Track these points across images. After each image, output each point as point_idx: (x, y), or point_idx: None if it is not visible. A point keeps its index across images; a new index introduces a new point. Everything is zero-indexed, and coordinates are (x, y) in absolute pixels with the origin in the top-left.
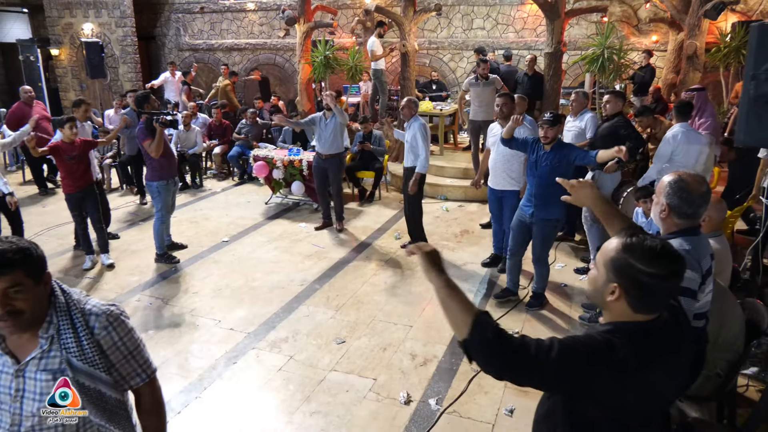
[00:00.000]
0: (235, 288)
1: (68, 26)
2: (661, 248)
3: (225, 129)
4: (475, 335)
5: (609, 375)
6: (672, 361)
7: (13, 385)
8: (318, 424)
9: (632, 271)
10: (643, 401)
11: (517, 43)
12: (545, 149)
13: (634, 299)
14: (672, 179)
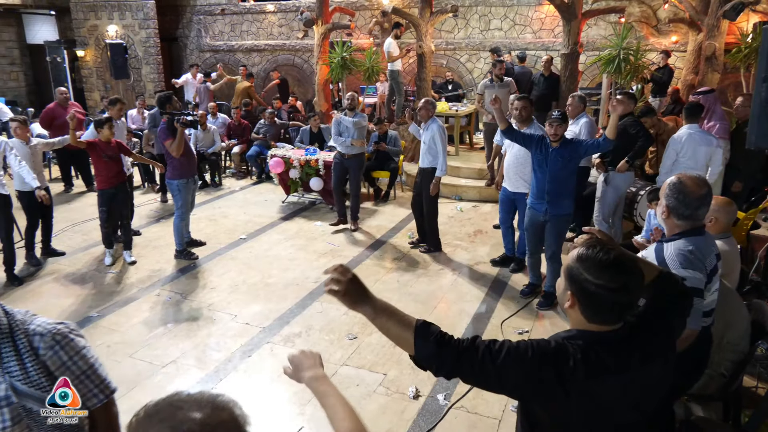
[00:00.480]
0: (252, 284)
1: (93, 28)
2: (612, 261)
3: (244, 129)
4: (419, 347)
5: (556, 380)
6: (629, 376)
7: None
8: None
9: (581, 280)
10: (588, 414)
11: (535, 43)
12: (553, 146)
13: (585, 308)
14: (671, 181)
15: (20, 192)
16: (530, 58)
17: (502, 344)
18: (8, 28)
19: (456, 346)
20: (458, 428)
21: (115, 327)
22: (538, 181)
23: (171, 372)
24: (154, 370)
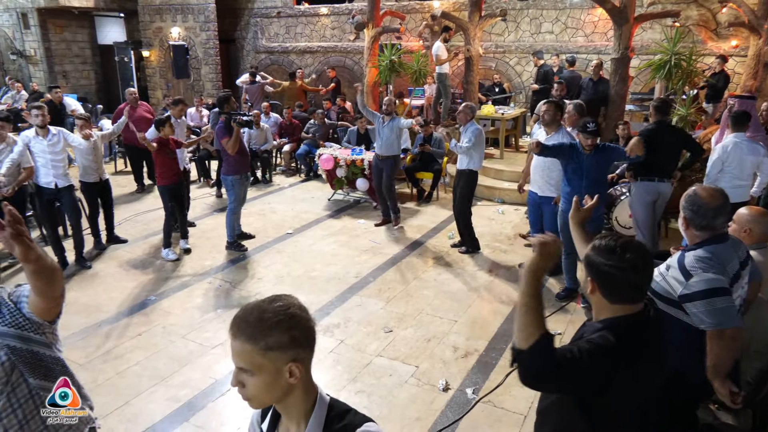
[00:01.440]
0: (296, 276)
1: (158, 30)
2: (620, 245)
3: (294, 128)
4: (534, 352)
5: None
6: (657, 352)
7: None
8: (362, 401)
9: (596, 264)
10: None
11: (586, 47)
12: (586, 152)
13: (603, 289)
14: (687, 193)
15: (82, 182)
16: (581, 62)
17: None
18: (82, 30)
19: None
20: (484, 421)
21: (171, 310)
22: (573, 188)
23: (219, 353)
24: (204, 350)
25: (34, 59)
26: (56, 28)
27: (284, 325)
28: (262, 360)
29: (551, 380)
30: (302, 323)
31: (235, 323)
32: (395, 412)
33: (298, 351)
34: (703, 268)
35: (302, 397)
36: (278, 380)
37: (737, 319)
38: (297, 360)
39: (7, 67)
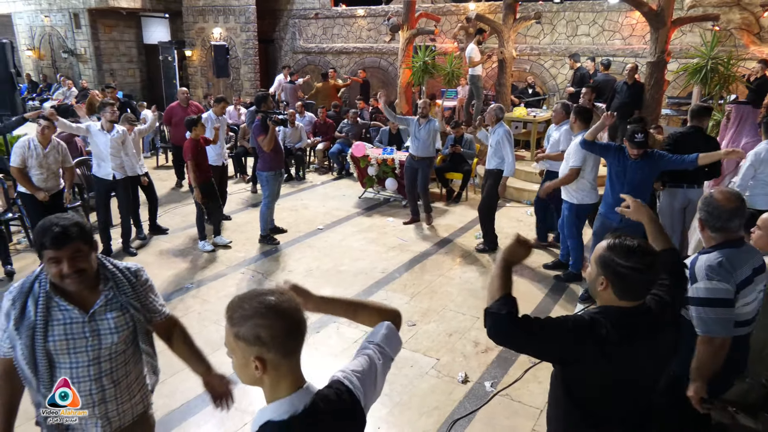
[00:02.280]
0: (324, 270)
1: (201, 30)
2: (637, 247)
3: (328, 127)
4: (495, 305)
5: (594, 346)
6: (650, 343)
7: (88, 328)
8: (384, 390)
9: (614, 265)
10: (625, 371)
11: (624, 50)
12: (633, 158)
13: (617, 288)
14: (704, 195)
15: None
16: (618, 65)
17: (544, 320)
18: (129, 30)
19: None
20: (501, 413)
21: (206, 297)
22: (614, 191)
23: None
24: None
25: (84, 58)
26: (105, 28)
27: (253, 321)
28: (234, 344)
29: (510, 334)
30: (274, 326)
31: (230, 302)
32: (414, 400)
33: (262, 350)
34: (709, 276)
35: (270, 393)
36: (247, 368)
37: (728, 330)
38: (259, 358)
39: (59, 65)
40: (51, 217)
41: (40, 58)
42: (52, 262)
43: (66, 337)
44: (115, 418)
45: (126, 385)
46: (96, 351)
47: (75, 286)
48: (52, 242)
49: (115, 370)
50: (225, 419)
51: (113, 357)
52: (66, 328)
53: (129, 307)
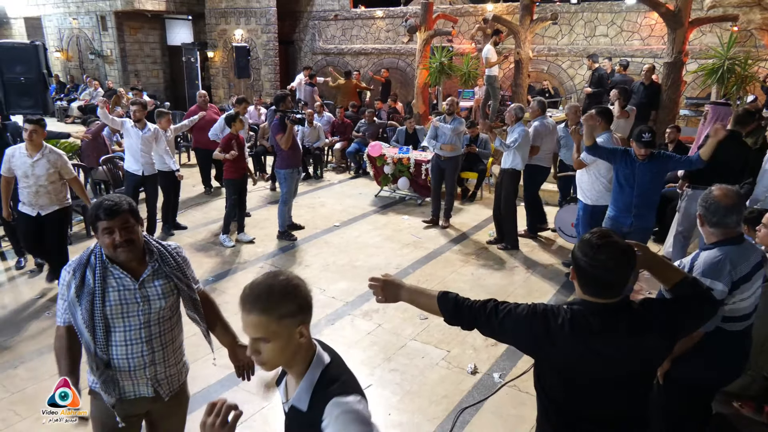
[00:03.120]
0: (340, 265)
1: (223, 32)
2: (600, 245)
3: (346, 127)
4: (443, 307)
5: (544, 333)
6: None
7: (139, 294)
8: (394, 379)
9: (577, 258)
10: (584, 365)
11: (642, 50)
12: (640, 160)
13: (579, 279)
14: (705, 192)
15: (159, 171)
16: (636, 66)
17: (507, 305)
18: (153, 32)
19: (470, 306)
20: (508, 403)
21: (225, 290)
22: (624, 195)
23: None
24: None
25: (110, 59)
26: (130, 30)
27: (291, 295)
28: (277, 327)
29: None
30: (303, 291)
31: (246, 301)
32: (425, 389)
33: (305, 315)
34: (705, 273)
35: (304, 356)
36: (290, 343)
37: (707, 327)
38: (304, 323)
39: (85, 66)
40: (104, 196)
41: (68, 60)
42: (106, 232)
43: (120, 302)
44: (164, 380)
45: (172, 350)
46: (146, 315)
47: (125, 255)
48: (105, 213)
49: (163, 334)
50: (244, 402)
51: (161, 321)
52: (120, 294)
53: (173, 276)
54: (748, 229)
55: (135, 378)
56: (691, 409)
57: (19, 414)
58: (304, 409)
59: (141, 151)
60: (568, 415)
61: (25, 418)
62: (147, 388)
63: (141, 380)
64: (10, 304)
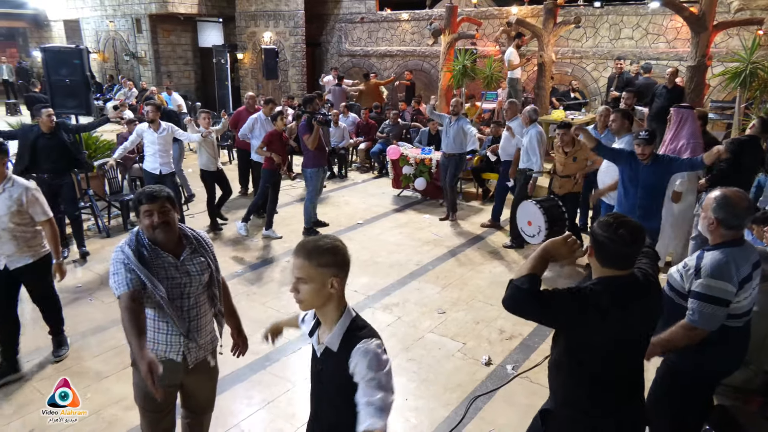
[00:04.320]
0: (362, 261)
1: (252, 34)
2: (619, 223)
3: (370, 128)
4: (520, 282)
5: (595, 313)
6: (641, 305)
7: (181, 270)
8: (412, 367)
9: (595, 234)
10: (621, 333)
11: (668, 53)
12: (645, 163)
13: (598, 254)
14: (717, 195)
15: (202, 170)
16: (663, 69)
17: (547, 291)
18: (186, 34)
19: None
20: (520, 393)
21: (254, 281)
22: (628, 196)
23: None
24: (280, 316)
25: (144, 60)
26: (164, 32)
27: (331, 251)
28: (314, 273)
29: (524, 308)
30: (342, 252)
31: (298, 247)
32: (440, 378)
33: (339, 270)
34: (713, 274)
35: (335, 306)
36: (323, 289)
37: (714, 327)
38: (337, 276)
39: (120, 67)
40: (146, 186)
41: (104, 61)
42: (146, 214)
43: (167, 276)
44: (194, 348)
45: (204, 322)
46: (187, 288)
47: (161, 236)
48: (147, 198)
49: (200, 306)
50: (271, 385)
51: (197, 295)
52: (166, 270)
53: (206, 257)
54: (758, 228)
55: (170, 343)
56: (693, 401)
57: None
58: (335, 350)
59: (158, 152)
60: (600, 382)
61: None
62: (178, 355)
63: (175, 346)
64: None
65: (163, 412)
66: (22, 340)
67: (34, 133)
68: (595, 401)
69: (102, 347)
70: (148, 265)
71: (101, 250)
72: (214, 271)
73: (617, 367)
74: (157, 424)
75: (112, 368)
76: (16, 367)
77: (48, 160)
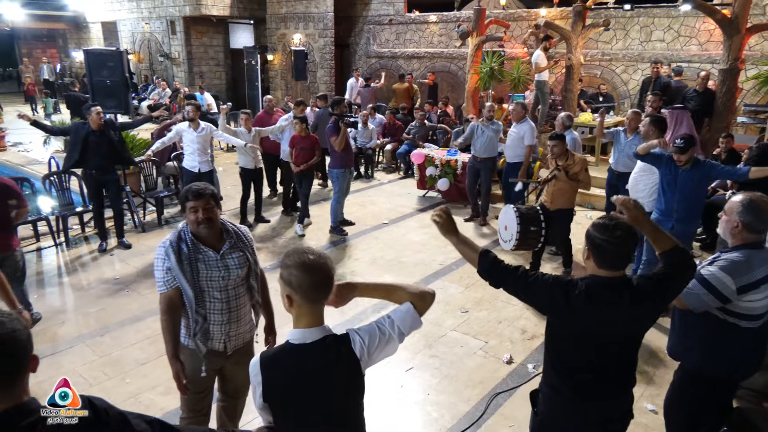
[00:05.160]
0: (387, 260)
1: (282, 36)
2: (612, 225)
3: (397, 129)
4: (481, 263)
5: (564, 299)
6: (622, 309)
7: (220, 264)
8: (434, 363)
9: (592, 237)
10: (590, 327)
11: (700, 56)
12: (684, 168)
13: (595, 256)
14: (744, 199)
15: (241, 168)
16: (694, 71)
17: (534, 273)
18: (218, 36)
19: (504, 267)
20: None
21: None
22: (666, 199)
23: None
24: None
25: (177, 61)
26: (197, 34)
27: (291, 270)
28: (280, 281)
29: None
30: (303, 278)
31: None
32: (462, 374)
33: (291, 291)
34: (723, 267)
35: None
36: (283, 299)
37: (696, 308)
38: (288, 297)
39: (155, 68)
40: (192, 183)
41: (139, 62)
42: (192, 210)
43: (207, 270)
44: (234, 337)
45: (243, 313)
46: (226, 281)
47: (206, 231)
48: (193, 195)
49: (239, 297)
50: None
51: (236, 287)
52: (206, 264)
53: (245, 251)
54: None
55: (213, 333)
56: (710, 403)
57: (107, 374)
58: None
59: (197, 150)
60: (572, 366)
61: (111, 377)
62: (220, 344)
63: (217, 335)
64: (94, 282)
65: (202, 394)
66: None
67: (85, 130)
68: (569, 384)
69: (138, 336)
70: (186, 261)
71: (137, 244)
72: (253, 265)
73: (595, 357)
74: (195, 405)
75: (149, 356)
76: None
77: (97, 156)
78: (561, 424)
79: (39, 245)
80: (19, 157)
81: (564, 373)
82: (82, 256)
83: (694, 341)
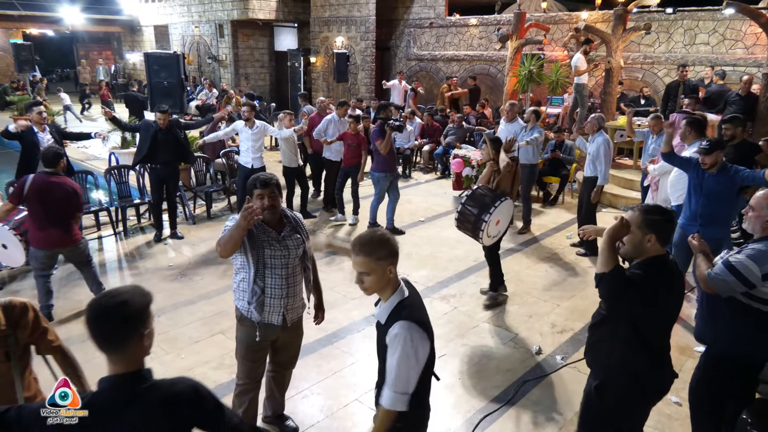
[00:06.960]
0: (423, 255)
1: (325, 39)
2: (655, 206)
3: (435, 130)
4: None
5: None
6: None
7: (282, 245)
8: (465, 351)
9: (657, 221)
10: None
11: (746, 59)
12: (710, 172)
13: (661, 237)
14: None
15: (284, 167)
16: (738, 75)
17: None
18: (263, 38)
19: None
20: (566, 380)
21: (324, 268)
22: (692, 204)
23: (356, 304)
24: (346, 300)
25: (224, 63)
26: (243, 37)
27: (385, 244)
28: (375, 266)
29: (622, 293)
30: (392, 242)
31: (356, 246)
32: (492, 362)
33: (393, 258)
34: (750, 255)
35: (391, 288)
36: (384, 276)
37: (723, 293)
38: (392, 264)
39: (203, 69)
40: (257, 174)
41: (188, 63)
42: (259, 197)
43: (271, 249)
44: (291, 310)
45: (298, 290)
46: (286, 259)
47: (269, 216)
48: (260, 184)
49: (295, 275)
50: (337, 357)
51: (294, 266)
52: (270, 243)
53: (301, 234)
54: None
55: (273, 306)
56: (733, 387)
57: (165, 349)
58: (382, 323)
59: (251, 147)
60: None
61: (169, 352)
62: (278, 317)
63: (276, 308)
64: (151, 269)
65: (258, 362)
66: None
67: (153, 128)
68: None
69: (191, 317)
70: (255, 237)
71: (188, 236)
72: (307, 247)
73: (665, 336)
74: (251, 372)
75: (201, 335)
76: None
77: (164, 152)
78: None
79: (100, 234)
80: (79, 153)
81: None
82: (139, 245)
83: (720, 325)
